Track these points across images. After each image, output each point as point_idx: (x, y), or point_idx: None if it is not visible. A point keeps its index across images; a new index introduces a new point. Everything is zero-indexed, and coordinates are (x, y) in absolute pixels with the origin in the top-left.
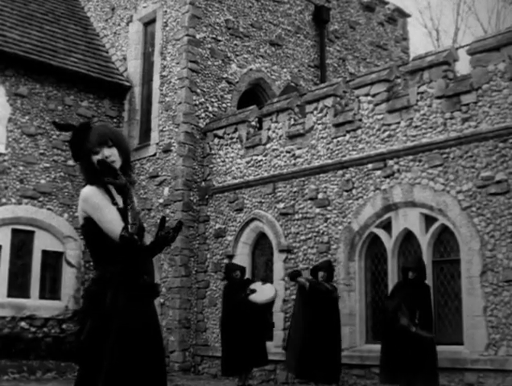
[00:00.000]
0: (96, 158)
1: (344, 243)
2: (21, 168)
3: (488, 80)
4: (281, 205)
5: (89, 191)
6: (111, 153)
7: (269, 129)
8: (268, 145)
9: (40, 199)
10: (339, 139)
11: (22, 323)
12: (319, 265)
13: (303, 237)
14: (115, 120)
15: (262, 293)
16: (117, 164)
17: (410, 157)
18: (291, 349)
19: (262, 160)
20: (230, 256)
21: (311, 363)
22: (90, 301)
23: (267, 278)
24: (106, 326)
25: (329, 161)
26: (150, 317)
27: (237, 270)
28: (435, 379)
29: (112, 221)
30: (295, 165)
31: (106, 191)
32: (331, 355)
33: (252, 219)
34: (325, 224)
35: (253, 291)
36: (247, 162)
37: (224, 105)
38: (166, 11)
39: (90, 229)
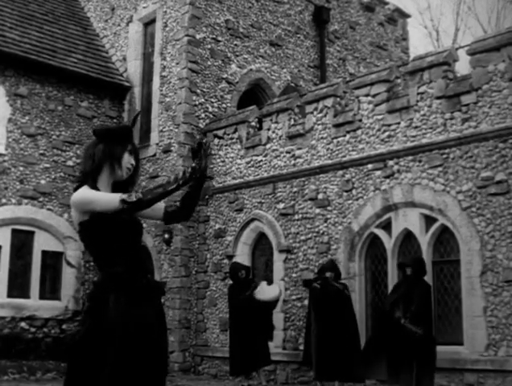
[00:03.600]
0: (128, 158)
1: (344, 243)
2: (21, 168)
3: (488, 80)
4: (281, 205)
5: (80, 191)
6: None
7: (269, 130)
8: (268, 146)
9: (40, 199)
10: (339, 139)
11: (22, 323)
12: (325, 266)
13: (303, 237)
14: (115, 120)
15: (266, 291)
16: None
17: (410, 157)
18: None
19: (261, 160)
20: (230, 257)
21: (332, 362)
22: (92, 304)
23: (268, 278)
24: (105, 329)
25: (329, 161)
26: (155, 319)
27: (242, 270)
28: (431, 378)
29: (108, 196)
30: (294, 165)
31: None
32: (351, 353)
33: (252, 220)
34: (325, 225)
35: (257, 286)
36: (247, 163)
37: (224, 106)
38: (166, 11)
39: (88, 233)
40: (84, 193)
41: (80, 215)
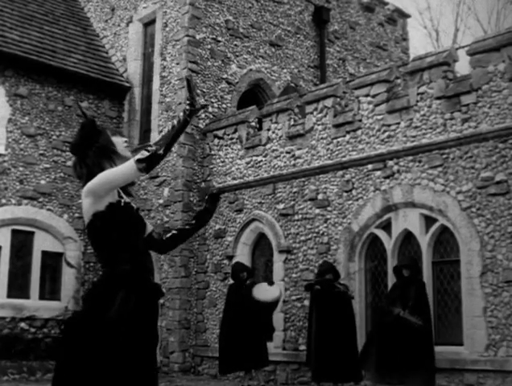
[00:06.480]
0: (117, 139)
1: (344, 243)
2: (21, 169)
3: (488, 80)
4: (281, 206)
5: (95, 178)
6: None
7: (269, 130)
8: (268, 146)
9: (40, 199)
10: (339, 140)
11: (22, 324)
12: (323, 268)
13: (302, 238)
14: (115, 120)
15: (266, 292)
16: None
17: (410, 157)
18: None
19: (261, 161)
20: (230, 257)
21: (330, 364)
22: (96, 298)
23: (267, 279)
24: (108, 325)
25: (329, 161)
26: (156, 319)
27: (244, 271)
28: (432, 377)
29: (122, 166)
30: (294, 165)
31: None
32: (349, 354)
33: (252, 220)
34: (325, 225)
35: (255, 283)
36: (247, 163)
37: (224, 106)
38: (166, 12)
39: (98, 225)
40: (100, 176)
41: (97, 203)
